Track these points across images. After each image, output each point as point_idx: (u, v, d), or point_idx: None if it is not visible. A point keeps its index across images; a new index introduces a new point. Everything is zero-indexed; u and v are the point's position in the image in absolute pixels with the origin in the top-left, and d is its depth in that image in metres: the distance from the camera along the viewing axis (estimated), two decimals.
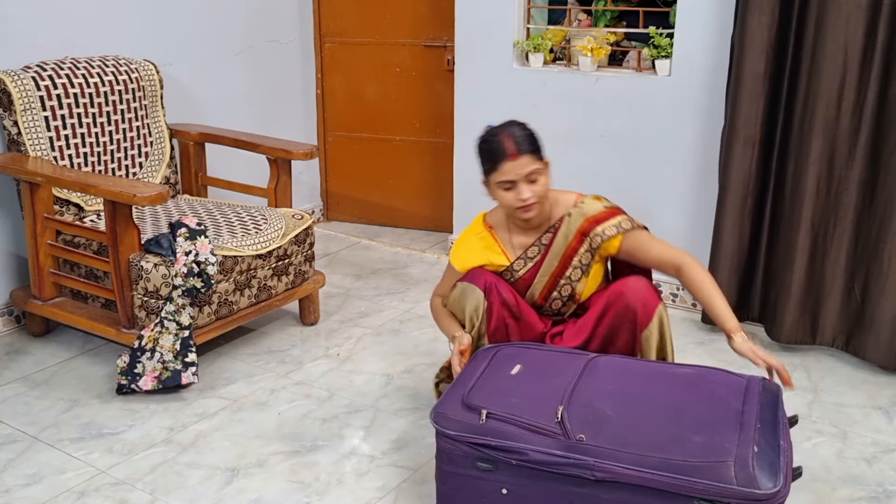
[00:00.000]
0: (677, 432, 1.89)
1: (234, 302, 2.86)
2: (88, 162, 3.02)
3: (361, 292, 3.62)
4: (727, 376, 2.11)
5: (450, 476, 2.02)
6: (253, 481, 2.30)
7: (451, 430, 1.97)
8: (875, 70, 2.73)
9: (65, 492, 2.24)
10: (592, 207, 2.34)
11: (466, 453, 1.96)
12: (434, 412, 2.02)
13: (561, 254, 2.35)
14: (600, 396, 2.02)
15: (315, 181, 4.49)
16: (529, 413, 1.96)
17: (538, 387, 2.06)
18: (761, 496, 1.73)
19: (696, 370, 2.16)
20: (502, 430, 1.94)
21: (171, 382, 2.67)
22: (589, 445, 1.87)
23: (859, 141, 2.81)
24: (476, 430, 1.95)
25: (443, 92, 4.04)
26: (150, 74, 3.21)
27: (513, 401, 2.01)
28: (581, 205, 2.35)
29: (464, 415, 1.99)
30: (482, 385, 2.09)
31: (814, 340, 3.04)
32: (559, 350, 2.28)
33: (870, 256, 2.87)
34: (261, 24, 3.99)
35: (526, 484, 1.93)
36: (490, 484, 1.96)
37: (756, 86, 2.93)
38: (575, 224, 2.33)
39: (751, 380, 2.09)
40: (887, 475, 2.37)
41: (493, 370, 2.16)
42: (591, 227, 2.32)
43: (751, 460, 1.79)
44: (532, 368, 2.15)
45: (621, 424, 1.93)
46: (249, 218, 3.02)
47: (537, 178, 2.23)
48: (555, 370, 2.13)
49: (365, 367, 2.96)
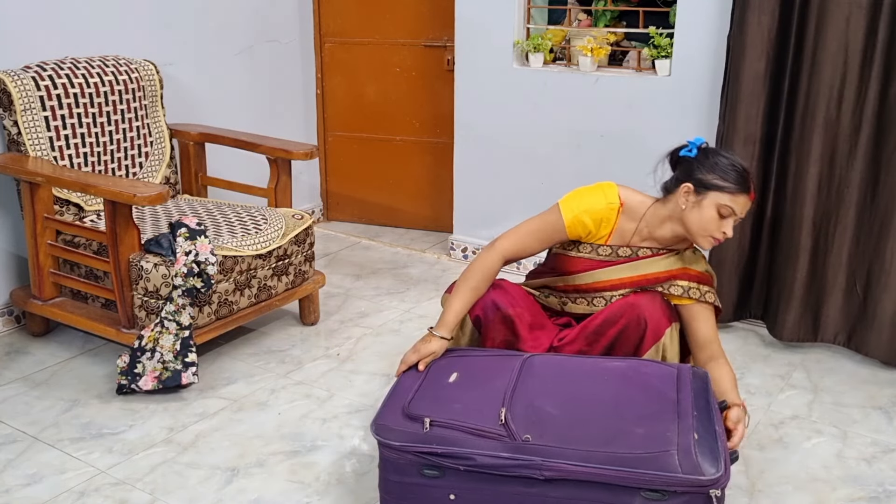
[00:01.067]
0: (620, 426, 1.92)
1: (234, 302, 2.86)
2: (88, 162, 3.02)
3: (361, 292, 3.62)
4: (658, 366, 2.14)
5: (395, 486, 2.01)
6: (253, 481, 2.30)
7: (395, 440, 1.96)
8: (876, 69, 2.73)
9: (65, 492, 2.24)
10: (698, 264, 2.31)
11: (411, 462, 1.96)
12: (375, 424, 2.01)
13: (639, 273, 2.29)
14: (541, 395, 2.03)
15: (315, 181, 4.49)
16: (473, 417, 1.96)
17: (478, 391, 2.07)
18: (706, 482, 1.77)
19: (628, 363, 2.17)
20: (447, 436, 1.94)
21: (172, 382, 2.67)
22: (535, 445, 1.88)
23: (860, 140, 2.81)
24: (420, 439, 1.95)
25: (443, 92, 4.04)
26: (150, 74, 3.22)
27: (455, 406, 2.01)
28: (693, 253, 2.32)
29: (406, 424, 1.99)
30: (422, 395, 2.08)
31: (815, 338, 3.04)
32: (492, 353, 2.27)
33: (871, 254, 2.87)
34: (261, 24, 3.99)
35: (474, 488, 1.93)
36: (438, 490, 1.96)
37: (756, 86, 2.93)
38: (675, 264, 2.29)
39: (681, 368, 2.13)
40: (887, 475, 2.37)
41: (431, 380, 2.15)
42: (680, 277, 2.27)
43: (693, 447, 1.83)
44: (469, 374, 2.15)
45: (565, 422, 1.95)
46: (249, 218, 3.02)
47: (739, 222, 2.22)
48: (491, 373, 2.14)
49: (365, 367, 2.96)
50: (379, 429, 2.00)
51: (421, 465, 1.95)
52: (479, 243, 3.94)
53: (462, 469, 1.91)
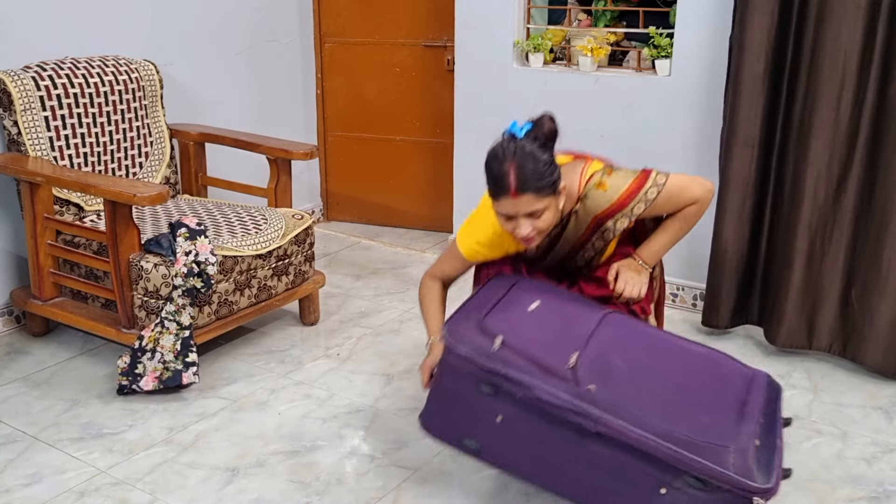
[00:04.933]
0: (684, 407, 1.89)
1: (234, 302, 2.86)
2: (88, 162, 3.02)
3: (361, 292, 3.62)
4: (735, 364, 2.11)
5: (446, 391, 1.97)
6: (253, 481, 2.30)
7: (464, 349, 1.91)
8: (874, 71, 2.73)
9: (65, 492, 2.24)
10: (598, 202, 2.17)
11: (471, 373, 1.91)
12: (448, 327, 1.96)
13: (572, 243, 2.26)
14: (614, 352, 1.98)
15: (315, 181, 4.49)
16: (544, 351, 1.91)
17: (555, 328, 2.01)
18: (754, 489, 1.75)
19: (707, 351, 2.13)
20: (514, 361, 1.89)
21: (172, 382, 2.67)
22: (598, 397, 1.84)
23: (858, 142, 2.80)
24: (488, 356, 1.90)
25: (443, 92, 4.04)
26: (150, 74, 3.22)
27: (529, 334, 1.96)
28: (586, 199, 2.18)
29: (477, 336, 1.93)
30: (499, 312, 2.02)
31: (810, 345, 3.02)
32: (576, 297, 2.22)
33: (868, 260, 2.85)
34: (261, 24, 3.99)
35: (524, 418, 1.89)
36: (487, 409, 1.92)
37: (755, 87, 2.93)
38: (583, 222, 2.22)
39: (756, 373, 2.10)
40: (887, 475, 2.37)
41: (511, 301, 2.08)
42: (601, 222, 2.21)
43: (751, 453, 1.80)
44: (550, 308, 2.08)
45: (632, 385, 1.90)
46: (249, 218, 3.02)
47: (541, 215, 2.05)
48: (571, 315, 2.08)
49: (365, 367, 2.96)
50: (451, 333, 1.96)
51: (479, 381, 1.91)
52: None
53: (518, 397, 1.87)
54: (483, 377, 1.90)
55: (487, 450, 1.98)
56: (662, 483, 1.82)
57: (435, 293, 2.37)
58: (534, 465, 1.95)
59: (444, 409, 2.02)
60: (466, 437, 1.98)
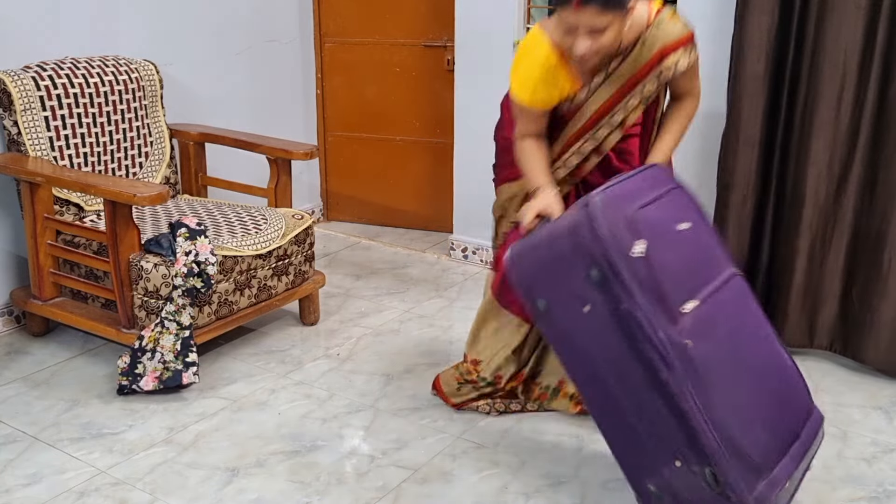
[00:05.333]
0: (749, 411, 1.84)
1: (234, 302, 2.86)
2: (88, 162, 3.02)
3: (361, 292, 3.62)
4: (804, 391, 2.04)
5: (555, 251, 1.85)
6: (253, 481, 2.30)
7: (604, 230, 1.78)
8: (875, 71, 2.73)
9: (65, 492, 2.24)
10: (669, 31, 2.13)
11: (592, 256, 1.79)
12: (602, 198, 1.83)
13: (625, 80, 2.16)
14: (723, 320, 1.90)
15: (315, 181, 4.49)
16: (669, 281, 1.81)
17: (689, 262, 1.90)
18: None
19: (792, 364, 2.04)
20: (639, 274, 1.77)
21: (173, 382, 2.66)
22: (688, 355, 1.77)
23: (859, 142, 2.81)
24: (622, 254, 1.77)
25: (443, 92, 4.04)
26: (150, 74, 3.21)
27: (666, 256, 1.83)
28: (658, 26, 2.12)
29: (622, 229, 1.79)
30: (652, 212, 1.88)
31: (811, 344, 3.02)
32: (715, 236, 2.08)
33: (868, 259, 2.86)
34: (261, 24, 3.99)
35: (607, 325, 1.81)
36: (581, 293, 1.82)
37: (756, 87, 2.93)
38: (648, 52, 2.14)
39: (816, 412, 2.05)
40: (887, 475, 2.37)
41: (666, 206, 1.95)
42: (665, 55, 2.13)
43: (777, 490, 1.78)
44: (696, 236, 1.97)
45: (720, 362, 1.84)
46: (249, 218, 3.02)
47: (603, 32, 1.96)
48: (708, 258, 1.96)
49: (365, 367, 2.96)
50: (604, 204, 1.82)
51: (594, 266, 1.80)
52: (478, 243, 3.94)
53: (620, 306, 1.78)
54: (602, 267, 1.77)
55: (551, 321, 1.89)
56: (684, 458, 1.79)
57: (531, 148, 2.26)
58: (581, 365, 1.89)
59: (539, 262, 1.89)
60: (542, 298, 1.88)
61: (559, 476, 2.34)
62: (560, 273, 1.87)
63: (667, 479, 1.88)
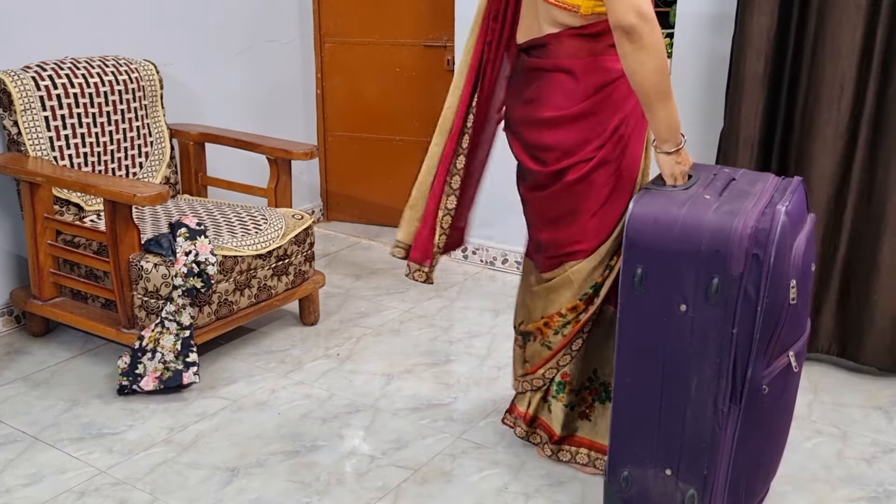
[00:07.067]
0: (760, 469, 2.03)
1: (234, 302, 2.86)
2: (88, 162, 3.02)
3: (361, 292, 3.62)
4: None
5: (680, 239, 1.76)
6: (253, 481, 2.31)
7: (772, 247, 1.69)
8: (874, 71, 2.73)
9: (65, 492, 2.24)
10: None
11: (727, 269, 1.72)
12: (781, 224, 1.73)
13: None
14: (786, 378, 1.90)
15: (315, 181, 4.49)
16: (785, 323, 1.77)
17: (802, 308, 1.86)
18: None
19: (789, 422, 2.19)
20: (772, 310, 1.73)
21: (173, 382, 2.67)
22: (757, 399, 1.78)
23: (858, 142, 2.81)
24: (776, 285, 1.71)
25: (443, 92, 3.99)
26: (150, 74, 3.22)
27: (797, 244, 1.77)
28: None
29: (785, 261, 1.72)
30: (799, 246, 1.80)
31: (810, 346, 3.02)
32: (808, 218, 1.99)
33: (867, 260, 2.85)
34: (261, 24, 3.99)
35: (700, 331, 1.78)
36: (687, 291, 1.77)
37: (755, 86, 2.93)
38: None
39: None
40: (887, 475, 2.37)
41: (807, 237, 1.86)
42: None
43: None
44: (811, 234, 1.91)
45: (766, 416, 1.88)
46: (249, 218, 3.02)
47: None
48: (806, 310, 1.94)
49: (365, 367, 2.96)
50: (780, 236, 1.73)
51: (722, 279, 1.73)
52: (478, 243, 3.94)
53: (729, 328, 1.75)
54: (731, 287, 1.71)
55: (636, 292, 1.82)
56: (677, 473, 1.88)
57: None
58: (639, 337, 1.84)
59: (663, 237, 1.78)
60: (643, 267, 1.80)
61: (559, 476, 2.34)
62: (679, 261, 1.78)
63: (646, 477, 1.95)
